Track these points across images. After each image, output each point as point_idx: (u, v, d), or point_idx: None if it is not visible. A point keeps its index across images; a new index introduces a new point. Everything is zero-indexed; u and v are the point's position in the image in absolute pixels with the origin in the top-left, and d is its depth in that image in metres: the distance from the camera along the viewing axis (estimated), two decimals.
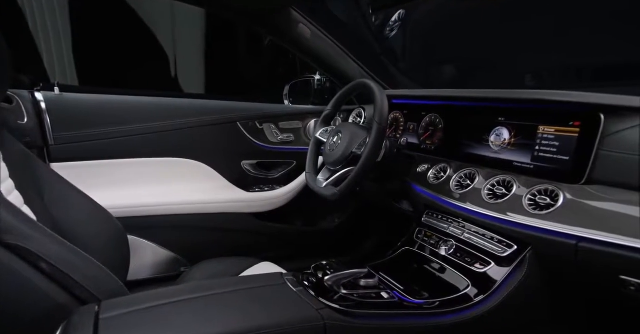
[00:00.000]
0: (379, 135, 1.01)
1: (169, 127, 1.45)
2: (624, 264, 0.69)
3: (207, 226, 1.46)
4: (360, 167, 1.02)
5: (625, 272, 0.69)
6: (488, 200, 0.93)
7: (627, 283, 0.69)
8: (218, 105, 1.59)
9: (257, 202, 1.55)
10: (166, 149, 1.44)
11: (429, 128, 1.25)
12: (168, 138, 1.45)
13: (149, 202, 1.34)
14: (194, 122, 1.48)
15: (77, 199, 1.00)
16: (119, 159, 1.37)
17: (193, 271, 1.15)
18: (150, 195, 1.36)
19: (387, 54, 1.77)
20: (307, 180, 1.26)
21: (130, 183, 1.37)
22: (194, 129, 1.49)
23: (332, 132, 1.24)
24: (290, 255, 1.69)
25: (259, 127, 1.58)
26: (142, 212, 1.31)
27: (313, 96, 1.83)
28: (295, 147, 1.63)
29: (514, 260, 0.84)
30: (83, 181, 1.10)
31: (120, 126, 1.38)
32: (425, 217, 1.11)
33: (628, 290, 0.69)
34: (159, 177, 1.43)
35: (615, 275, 0.70)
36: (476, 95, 1.07)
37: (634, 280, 0.68)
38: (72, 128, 1.30)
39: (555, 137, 0.87)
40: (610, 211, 0.72)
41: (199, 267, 1.17)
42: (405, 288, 0.89)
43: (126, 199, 1.32)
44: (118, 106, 1.41)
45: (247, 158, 1.59)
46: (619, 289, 0.71)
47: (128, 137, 1.38)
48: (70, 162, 1.30)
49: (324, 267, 0.85)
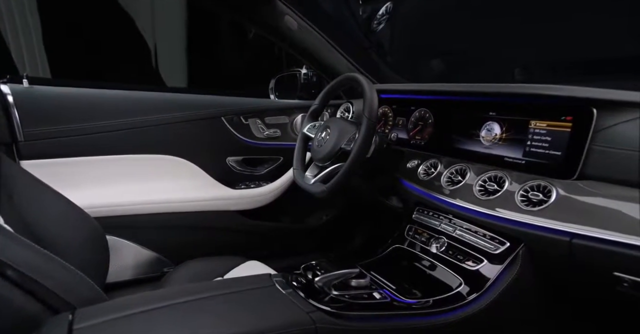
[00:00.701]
0: (369, 130, 0.99)
1: (150, 123, 1.39)
2: (618, 260, 0.68)
3: (191, 224, 1.41)
4: (350, 163, 1.00)
5: (619, 269, 0.68)
6: (480, 196, 0.91)
7: (621, 279, 0.69)
8: (201, 99, 1.54)
9: (243, 199, 1.51)
10: (147, 145, 1.38)
11: (418, 123, 1.23)
12: (148, 134, 1.39)
13: (129, 201, 1.28)
14: (176, 117, 1.43)
15: (51, 199, 0.94)
16: (96, 156, 1.30)
17: (177, 271, 1.11)
18: (130, 193, 1.31)
19: (375, 47, 1.74)
20: (295, 177, 1.22)
21: (109, 181, 1.31)
22: (176, 124, 1.44)
23: (320, 127, 1.21)
24: (278, 253, 1.66)
25: (244, 122, 1.54)
26: (122, 212, 1.26)
27: (300, 90, 1.78)
28: (282, 143, 1.59)
29: (507, 257, 0.82)
30: (57, 180, 1.04)
31: (97, 121, 1.31)
32: (416, 214, 1.09)
33: (621, 287, 0.69)
34: (140, 175, 1.37)
35: (609, 272, 0.69)
36: (467, 89, 1.05)
37: (627, 277, 0.68)
38: (43, 123, 1.22)
39: (547, 132, 0.86)
40: (603, 207, 0.71)
41: (183, 267, 1.13)
42: (397, 287, 0.87)
43: (104, 198, 1.26)
44: (95, 100, 1.34)
45: (232, 154, 1.55)
46: (613, 286, 0.70)
47: (106, 133, 1.31)
48: (42, 159, 1.23)
49: (314, 267, 0.82)
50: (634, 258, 0.65)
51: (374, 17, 1.77)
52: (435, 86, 1.15)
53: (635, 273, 0.67)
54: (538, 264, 0.81)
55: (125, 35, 2.18)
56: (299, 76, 1.77)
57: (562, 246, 0.74)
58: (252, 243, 1.58)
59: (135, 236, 1.30)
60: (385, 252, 1.06)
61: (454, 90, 1.10)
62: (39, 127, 1.22)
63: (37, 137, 1.22)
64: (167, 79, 2.35)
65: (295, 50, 1.51)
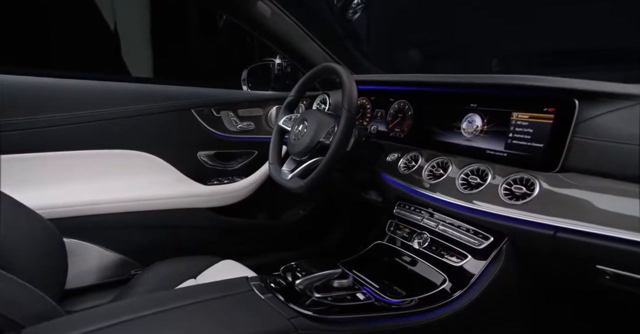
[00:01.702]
0: (349, 123, 0.95)
1: (112, 115, 1.29)
2: (600, 253, 0.67)
3: (160, 223, 1.33)
4: (329, 157, 0.95)
5: (602, 261, 0.68)
6: (462, 190, 0.89)
7: (603, 272, 0.68)
8: (169, 90, 1.44)
9: (215, 196, 1.44)
10: (109, 139, 1.28)
11: (397, 115, 1.20)
12: (111, 127, 1.28)
13: (90, 200, 1.18)
14: (141, 109, 1.33)
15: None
16: (51, 152, 1.19)
17: (145, 273, 1.04)
18: (90, 192, 1.20)
19: (350, 37, 1.69)
20: (271, 172, 1.17)
21: (66, 179, 1.20)
22: (141, 117, 1.34)
23: (296, 120, 1.16)
24: (254, 250, 1.61)
25: (215, 114, 1.45)
26: (82, 212, 1.16)
27: (273, 81, 1.72)
28: (256, 136, 1.52)
29: (491, 252, 0.81)
30: (5, 179, 0.93)
31: (53, 113, 1.19)
32: (397, 209, 1.07)
33: (603, 279, 0.69)
34: (101, 172, 1.27)
35: (592, 265, 0.69)
36: (447, 80, 1.03)
37: (609, 269, 0.67)
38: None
39: (529, 124, 0.85)
40: (586, 200, 0.71)
41: (152, 269, 1.05)
42: (380, 286, 0.84)
43: (61, 197, 1.15)
44: (50, 90, 1.22)
45: (203, 149, 1.46)
46: (595, 278, 0.70)
47: (61, 126, 1.20)
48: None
49: (294, 269, 0.77)
50: (616, 250, 0.65)
51: (349, 6, 1.72)
52: (415, 77, 1.12)
53: (617, 266, 0.67)
54: (521, 259, 0.80)
55: (81, 15, 1.96)
56: (272, 67, 1.71)
57: (546, 240, 0.73)
58: (226, 241, 1.52)
59: (99, 237, 1.20)
60: (366, 249, 1.03)
61: (435, 81, 1.07)
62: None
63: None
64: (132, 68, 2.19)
65: (268, 39, 1.44)
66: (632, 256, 0.63)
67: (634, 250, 0.63)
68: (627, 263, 0.65)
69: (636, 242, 0.62)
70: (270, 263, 1.67)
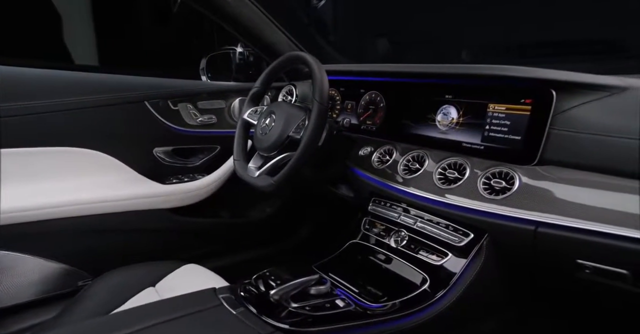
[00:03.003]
0: (320, 116, 0.89)
1: (52, 108, 1.14)
2: (581, 247, 0.66)
3: (112, 228, 1.20)
4: (300, 153, 0.89)
5: (582, 255, 0.67)
6: (440, 185, 0.86)
7: (583, 266, 0.68)
8: (119, 80, 1.30)
9: (175, 195, 1.32)
10: (48, 135, 1.13)
11: (369, 107, 1.15)
12: (50, 122, 1.13)
13: (26, 205, 1.04)
14: (86, 101, 1.18)
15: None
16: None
17: (96, 284, 0.92)
18: (27, 195, 1.06)
19: (316, 25, 1.62)
20: (237, 169, 1.09)
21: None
22: (87, 110, 1.19)
23: (263, 113, 1.08)
24: (219, 252, 1.52)
25: (172, 107, 1.33)
26: (12, 220, 1.01)
27: (235, 72, 1.62)
28: (218, 130, 1.41)
29: (471, 249, 0.78)
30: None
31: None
32: (372, 206, 1.02)
33: (583, 274, 0.68)
34: (40, 172, 1.12)
35: (572, 259, 0.68)
36: (421, 70, 0.99)
37: (589, 263, 0.67)
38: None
39: (505, 116, 0.83)
40: (566, 194, 0.69)
41: (103, 278, 0.94)
42: (359, 289, 0.79)
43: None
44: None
45: (159, 144, 1.34)
46: (574, 273, 0.69)
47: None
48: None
49: (267, 277, 0.70)
50: (597, 244, 0.64)
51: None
52: (388, 67, 1.07)
53: (597, 260, 0.66)
54: (501, 254, 0.79)
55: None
56: (233, 56, 1.60)
57: (527, 235, 0.71)
58: (188, 244, 1.41)
59: (38, 247, 1.06)
60: (341, 249, 0.98)
61: (408, 71, 1.03)
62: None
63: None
64: (76, 54, 1.97)
65: (229, 25, 1.33)
66: (612, 250, 0.63)
67: (614, 244, 0.62)
68: (606, 257, 0.65)
69: (617, 236, 0.62)
70: (237, 263, 1.59)
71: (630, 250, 0.60)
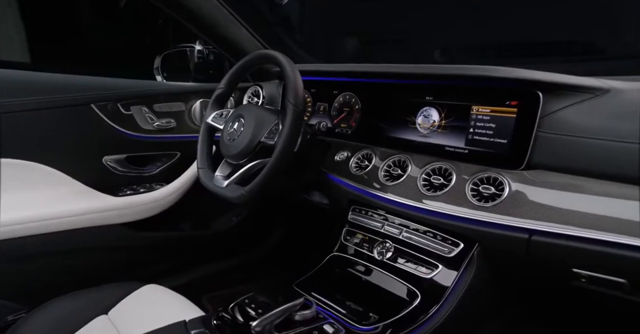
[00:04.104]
0: (296, 120, 0.82)
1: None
2: (577, 256, 0.64)
3: (56, 249, 1.05)
4: (275, 160, 0.81)
5: (578, 264, 0.65)
6: (425, 192, 0.82)
7: (579, 275, 0.65)
8: (59, 80, 1.14)
9: (130, 208, 1.19)
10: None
11: (343, 109, 1.09)
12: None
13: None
14: (17, 105, 1.02)
15: None
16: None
17: (30, 318, 0.79)
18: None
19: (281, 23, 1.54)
20: (202, 178, 0.98)
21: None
22: (19, 114, 1.03)
23: (229, 116, 0.99)
24: (182, 267, 1.39)
25: (123, 111, 1.19)
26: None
27: (194, 71, 1.50)
28: (178, 135, 1.29)
29: (463, 260, 0.74)
30: None
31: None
32: (352, 215, 0.96)
33: (578, 282, 0.66)
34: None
35: (568, 268, 0.66)
36: (399, 71, 0.94)
37: (585, 272, 0.65)
38: None
39: (490, 119, 0.79)
40: (560, 200, 0.67)
41: (41, 310, 0.80)
42: (347, 310, 0.73)
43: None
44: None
45: (110, 152, 1.19)
46: (569, 281, 0.67)
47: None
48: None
49: (245, 305, 0.62)
50: (594, 253, 0.62)
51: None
52: (363, 67, 1.02)
53: (594, 268, 0.64)
54: (493, 264, 0.75)
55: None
56: (191, 54, 1.48)
57: (521, 244, 0.68)
58: (146, 261, 1.28)
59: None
60: (322, 263, 0.91)
61: (385, 71, 0.98)
62: None
63: None
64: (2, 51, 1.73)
65: (188, 21, 1.21)
66: (609, 258, 0.60)
67: (612, 252, 0.60)
68: (604, 266, 0.63)
69: (615, 244, 0.60)
70: (204, 277, 1.47)
71: (629, 258, 0.58)
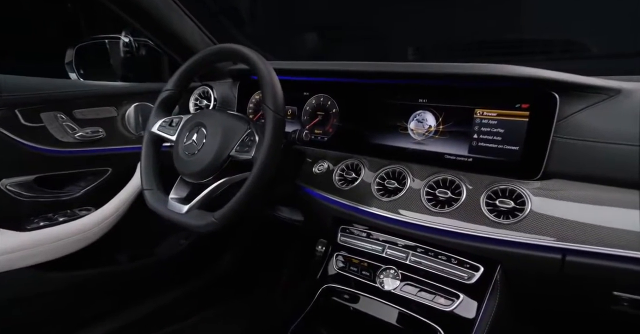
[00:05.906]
0: (278, 129, 0.68)
1: None
2: (617, 277, 0.58)
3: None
4: (257, 178, 0.66)
5: (619, 287, 0.59)
6: (431, 208, 0.71)
7: (620, 298, 0.59)
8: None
9: (45, 245, 0.93)
10: None
11: (316, 113, 0.95)
12: None
13: None
14: None
15: None
16: None
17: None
18: None
19: (227, 13, 1.34)
20: (150, 203, 0.78)
21: None
22: None
23: (183, 125, 0.79)
24: (120, 305, 1.14)
25: (25, 123, 0.90)
26: None
27: (122, 68, 1.24)
28: (108, 148, 1.02)
29: (487, 286, 0.65)
30: None
31: None
32: (343, 237, 0.82)
33: (620, 306, 0.60)
34: None
35: (608, 291, 0.59)
36: (386, 69, 0.82)
37: (627, 295, 0.58)
38: None
39: (498, 123, 0.71)
40: (592, 215, 0.60)
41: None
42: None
43: None
44: None
45: (11, 174, 0.91)
46: (609, 305, 0.60)
47: None
48: None
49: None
50: (635, 273, 0.55)
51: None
52: (341, 65, 0.88)
53: (636, 291, 0.58)
54: (516, 288, 0.67)
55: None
56: (115, 47, 1.23)
57: (553, 265, 0.60)
58: (70, 309, 1.01)
59: None
60: (315, 298, 0.75)
61: (366, 70, 0.85)
62: None
63: None
64: None
65: (117, 5, 0.96)
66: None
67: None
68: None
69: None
70: (147, 316, 1.22)
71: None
